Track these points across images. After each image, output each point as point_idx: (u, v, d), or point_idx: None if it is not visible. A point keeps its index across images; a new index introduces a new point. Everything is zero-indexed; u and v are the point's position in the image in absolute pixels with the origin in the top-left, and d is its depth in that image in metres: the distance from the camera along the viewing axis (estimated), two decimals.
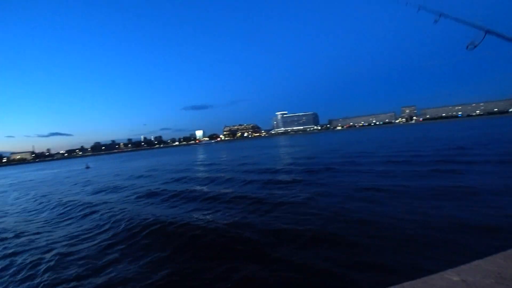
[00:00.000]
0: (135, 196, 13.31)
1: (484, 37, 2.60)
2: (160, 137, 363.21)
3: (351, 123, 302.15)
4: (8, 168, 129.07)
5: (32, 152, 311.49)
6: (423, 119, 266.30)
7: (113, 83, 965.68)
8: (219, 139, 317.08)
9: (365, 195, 8.74)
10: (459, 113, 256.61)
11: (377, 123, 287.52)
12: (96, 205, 12.09)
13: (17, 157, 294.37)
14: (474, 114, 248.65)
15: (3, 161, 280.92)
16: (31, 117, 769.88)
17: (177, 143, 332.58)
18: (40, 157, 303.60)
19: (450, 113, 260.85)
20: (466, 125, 64.07)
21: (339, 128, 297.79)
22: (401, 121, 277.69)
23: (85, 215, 10.52)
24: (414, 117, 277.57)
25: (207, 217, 8.38)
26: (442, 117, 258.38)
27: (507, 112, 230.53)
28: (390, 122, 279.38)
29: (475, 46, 2.66)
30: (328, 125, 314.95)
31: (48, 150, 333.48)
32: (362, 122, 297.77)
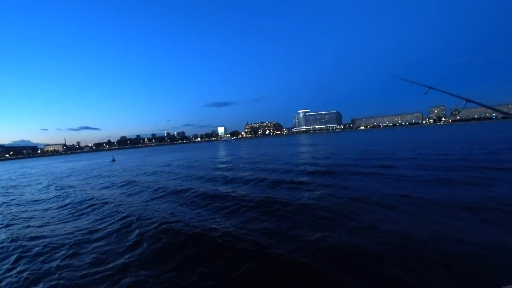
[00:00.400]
0: (150, 190, 13.72)
1: (465, 104, 3.26)
2: (183, 133, 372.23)
3: (375, 123, 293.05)
4: (42, 159, 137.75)
5: (64, 145, 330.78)
6: (452, 121, 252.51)
7: (139, 80, 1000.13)
8: (240, 136, 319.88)
9: (381, 201, 8.29)
10: (493, 114, 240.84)
11: (403, 123, 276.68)
12: (112, 197, 12.73)
13: (50, 149, 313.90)
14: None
15: (38, 152, 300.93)
16: (63, 112, 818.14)
17: (199, 139, 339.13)
18: (70, 150, 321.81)
19: (483, 115, 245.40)
20: (502, 128, 59.42)
21: (362, 128, 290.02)
22: (429, 122, 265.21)
23: (104, 204, 11.01)
24: (443, 118, 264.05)
25: (213, 215, 8.42)
26: (474, 119, 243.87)
27: None
28: (416, 123, 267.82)
29: (459, 112, 3.36)
30: (351, 125, 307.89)
31: (78, 143, 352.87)
32: (387, 122, 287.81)
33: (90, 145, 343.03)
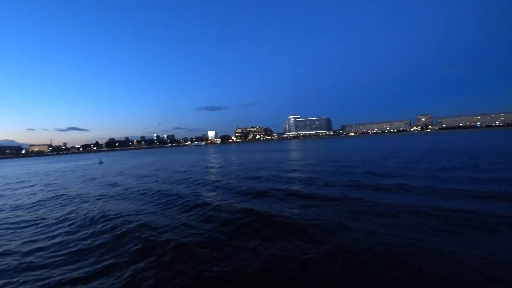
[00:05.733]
0: (124, 192, 14.63)
1: None
2: (173, 136, 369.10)
3: (364, 130, 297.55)
4: (26, 159, 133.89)
5: (50, 145, 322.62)
6: (439, 128, 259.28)
7: (129, 81, 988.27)
8: (230, 140, 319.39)
9: (366, 217, 7.73)
10: (478, 123, 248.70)
11: (391, 130, 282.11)
12: (88, 196, 13.43)
13: (35, 149, 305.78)
14: (493, 125, 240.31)
15: (22, 152, 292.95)
16: (51, 111, 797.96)
17: (189, 142, 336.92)
18: (56, 151, 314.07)
19: (467, 123, 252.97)
20: (486, 136, 59.77)
21: (351, 134, 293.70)
22: (416, 130, 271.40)
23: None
24: (430, 126, 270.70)
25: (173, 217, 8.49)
26: (459, 127, 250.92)
27: None
28: (404, 130, 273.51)
29: None
30: (340, 131, 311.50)
31: (65, 144, 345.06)
32: (376, 129, 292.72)
33: (77, 146, 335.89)
